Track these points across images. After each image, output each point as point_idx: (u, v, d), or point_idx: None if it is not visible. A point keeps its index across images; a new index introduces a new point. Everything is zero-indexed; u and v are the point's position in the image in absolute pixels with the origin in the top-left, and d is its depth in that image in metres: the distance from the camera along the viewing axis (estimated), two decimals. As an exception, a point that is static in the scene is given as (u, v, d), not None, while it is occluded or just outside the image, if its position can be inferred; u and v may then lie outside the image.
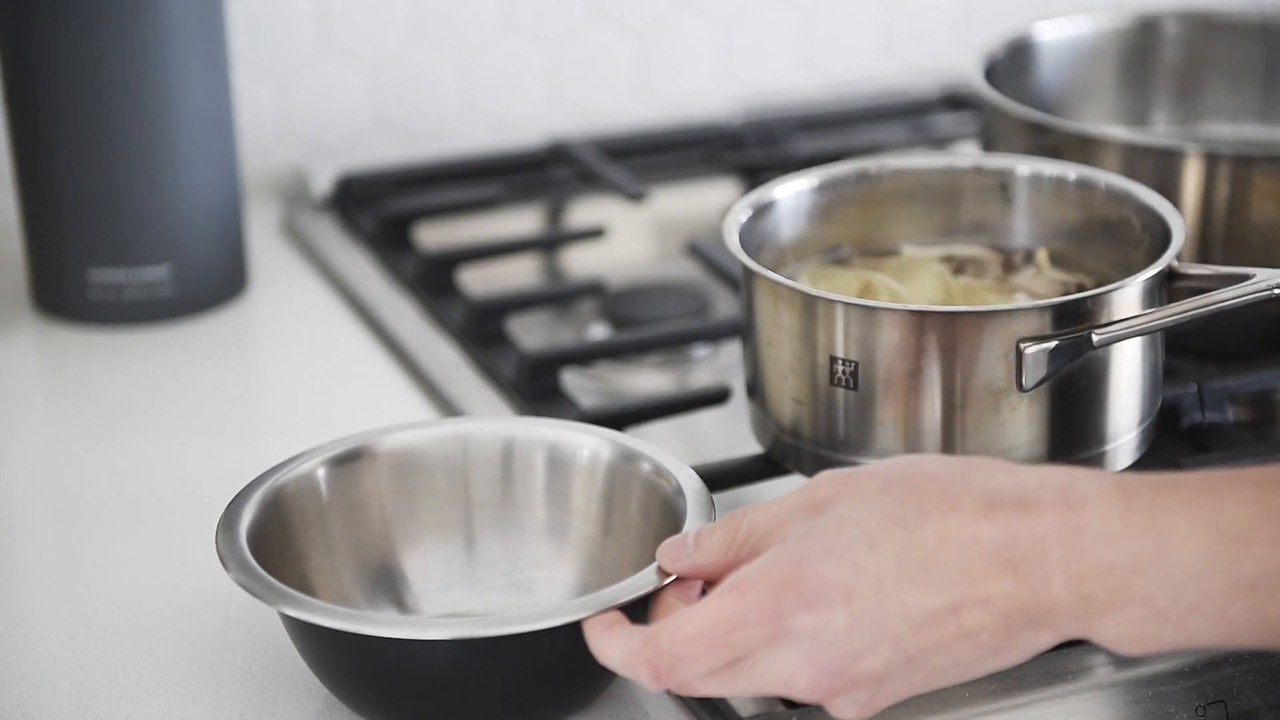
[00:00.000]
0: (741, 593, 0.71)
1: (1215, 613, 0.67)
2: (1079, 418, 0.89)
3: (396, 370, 1.16)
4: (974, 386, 0.86)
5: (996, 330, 0.86)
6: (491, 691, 0.79)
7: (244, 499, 0.85)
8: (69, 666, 0.88)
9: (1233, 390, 1.03)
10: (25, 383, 1.18)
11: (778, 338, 0.90)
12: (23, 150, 1.21)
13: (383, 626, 0.77)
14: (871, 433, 0.88)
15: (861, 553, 0.70)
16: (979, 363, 0.86)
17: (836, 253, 1.02)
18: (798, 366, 0.90)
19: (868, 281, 0.97)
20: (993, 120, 1.21)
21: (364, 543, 0.89)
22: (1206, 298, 0.88)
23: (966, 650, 0.70)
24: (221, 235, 1.24)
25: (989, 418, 0.87)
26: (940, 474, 0.72)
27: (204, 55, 1.20)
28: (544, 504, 0.91)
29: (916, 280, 0.98)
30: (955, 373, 0.86)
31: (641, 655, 0.73)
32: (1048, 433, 0.88)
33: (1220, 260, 1.10)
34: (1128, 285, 0.88)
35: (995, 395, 0.87)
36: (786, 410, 0.92)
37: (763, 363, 0.93)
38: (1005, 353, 0.86)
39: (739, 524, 0.76)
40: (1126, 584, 0.67)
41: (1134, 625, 0.68)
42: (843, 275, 0.99)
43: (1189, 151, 1.09)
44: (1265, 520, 0.66)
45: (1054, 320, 0.86)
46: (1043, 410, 0.88)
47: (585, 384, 1.15)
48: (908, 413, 0.87)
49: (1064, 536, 0.68)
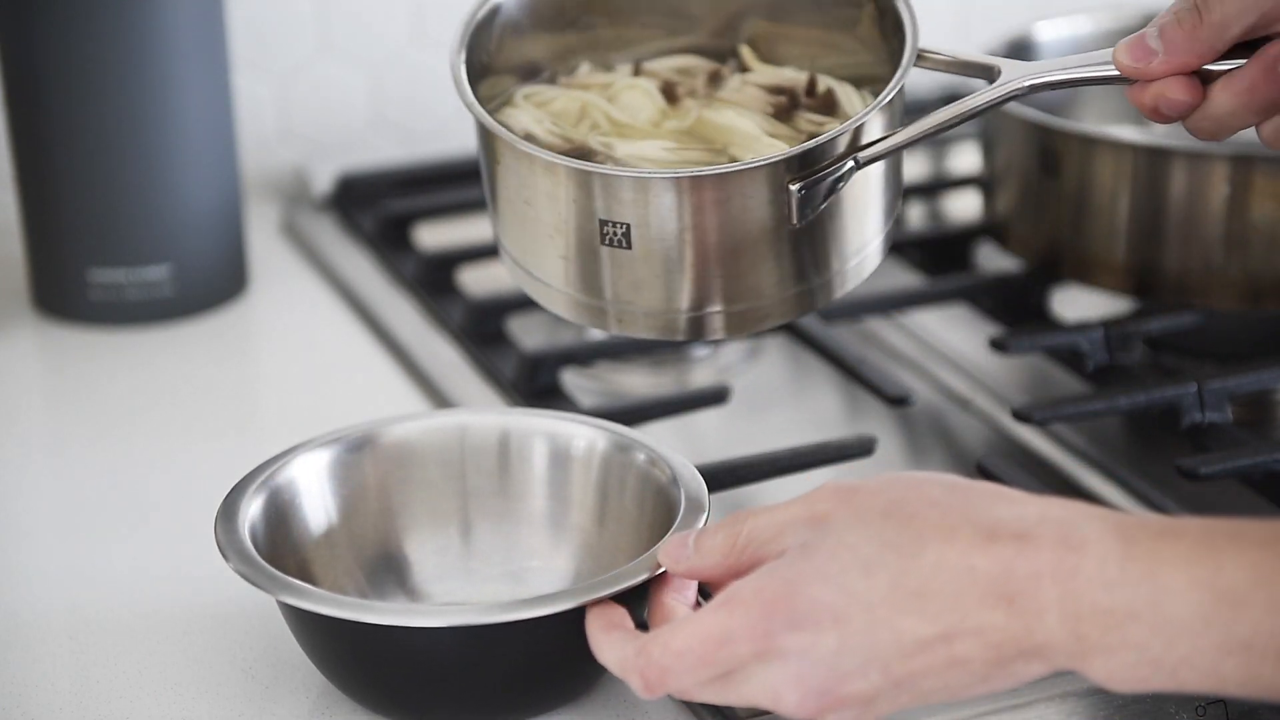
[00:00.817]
0: (732, 610, 0.71)
1: (1207, 667, 0.67)
2: (838, 232, 0.89)
3: (396, 370, 1.17)
4: (748, 231, 0.86)
5: (766, 178, 0.85)
6: (490, 679, 0.79)
7: (242, 490, 0.86)
8: (69, 666, 0.88)
9: (1233, 390, 1.03)
10: (25, 383, 1.18)
11: (536, 199, 0.89)
12: (23, 150, 1.21)
13: (382, 614, 0.78)
14: (648, 283, 0.88)
15: (854, 578, 0.70)
16: (751, 210, 0.86)
17: (538, 69, 1.00)
18: (564, 228, 0.88)
19: (583, 105, 0.96)
20: (993, 120, 1.21)
21: (361, 533, 0.89)
22: (960, 105, 0.87)
23: (956, 677, 0.70)
24: (221, 235, 1.24)
25: (765, 255, 0.87)
26: (941, 500, 0.72)
27: (204, 55, 1.20)
28: (540, 494, 0.91)
29: (628, 102, 0.96)
30: (730, 223, 0.86)
31: (633, 664, 0.73)
32: (813, 255, 0.88)
33: (1220, 261, 1.10)
34: (885, 100, 0.87)
35: (768, 235, 0.86)
36: (553, 267, 0.91)
37: (519, 220, 0.91)
38: (775, 195, 0.86)
39: (740, 529, 0.76)
40: (1122, 628, 0.67)
41: (1126, 668, 0.68)
42: (559, 98, 0.97)
43: (1188, 151, 1.09)
44: (1262, 584, 0.66)
45: (816, 154, 0.86)
46: (808, 235, 0.87)
47: (585, 384, 1.15)
48: (684, 264, 0.87)
49: (1060, 576, 0.68)
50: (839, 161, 0.86)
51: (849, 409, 1.16)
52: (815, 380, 1.19)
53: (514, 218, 0.91)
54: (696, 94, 0.97)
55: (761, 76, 0.97)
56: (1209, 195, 1.09)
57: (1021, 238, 1.20)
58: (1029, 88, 0.87)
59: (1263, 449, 0.98)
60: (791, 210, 0.85)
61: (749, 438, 0.98)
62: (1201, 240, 1.10)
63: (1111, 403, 1.03)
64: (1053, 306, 1.21)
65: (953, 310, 1.23)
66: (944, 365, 1.18)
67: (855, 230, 0.89)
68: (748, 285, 0.88)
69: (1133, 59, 0.83)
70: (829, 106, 0.94)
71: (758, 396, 1.16)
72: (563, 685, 0.82)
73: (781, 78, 0.97)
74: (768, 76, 0.97)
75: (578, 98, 0.97)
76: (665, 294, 0.88)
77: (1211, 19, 0.81)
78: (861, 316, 1.20)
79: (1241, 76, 0.82)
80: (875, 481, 0.74)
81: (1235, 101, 0.82)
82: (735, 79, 0.98)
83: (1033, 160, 1.16)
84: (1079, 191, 1.14)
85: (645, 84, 0.97)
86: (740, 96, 0.96)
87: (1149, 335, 1.12)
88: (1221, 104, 0.83)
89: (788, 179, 0.85)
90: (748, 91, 0.96)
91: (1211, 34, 0.82)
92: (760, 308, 0.89)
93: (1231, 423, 1.02)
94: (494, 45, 0.97)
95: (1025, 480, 0.95)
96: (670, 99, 0.96)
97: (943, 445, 1.13)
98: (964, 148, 1.46)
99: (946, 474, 0.74)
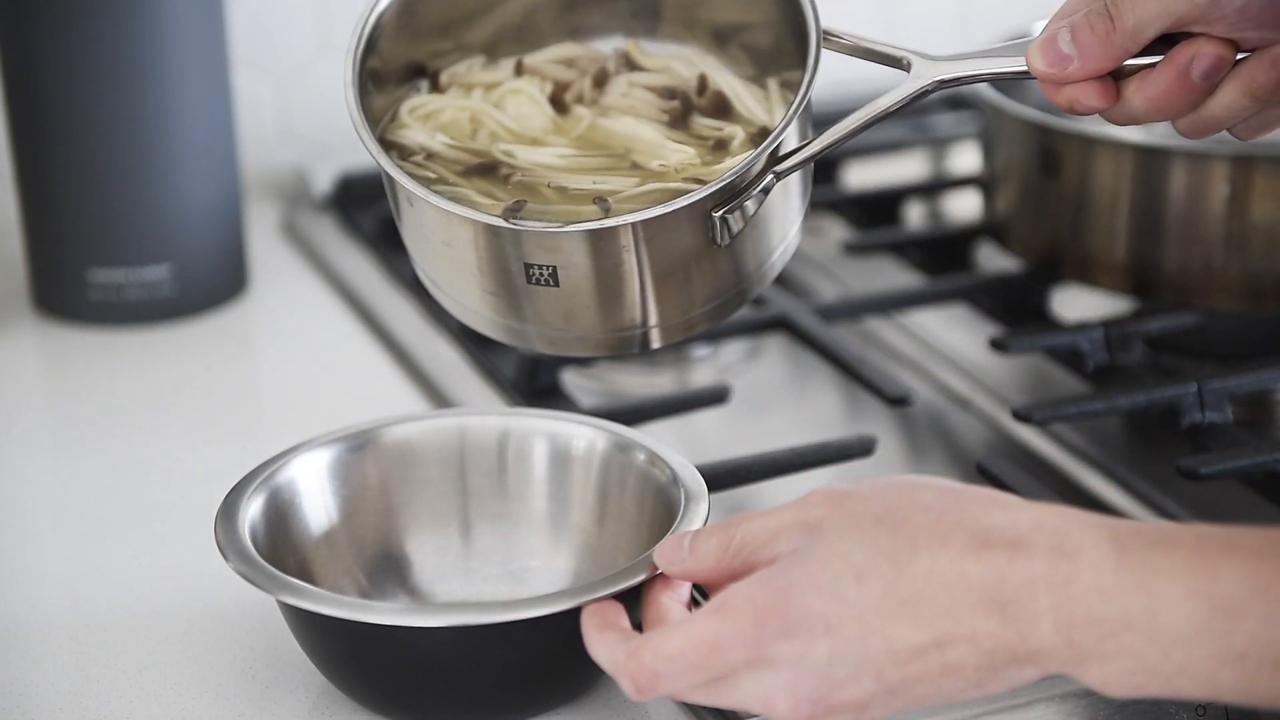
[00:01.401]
0: (724, 616, 0.71)
1: (1203, 676, 0.67)
2: (764, 234, 0.88)
3: (396, 370, 1.17)
4: (674, 259, 0.86)
5: (689, 213, 0.84)
6: (490, 679, 0.79)
7: (242, 490, 0.86)
8: (69, 666, 0.88)
9: (1233, 390, 1.03)
10: (25, 383, 1.18)
11: (456, 243, 0.87)
12: (23, 150, 1.21)
13: (382, 614, 0.78)
14: (579, 313, 0.87)
15: (847, 586, 0.70)
16: (675, 241, 0.85)
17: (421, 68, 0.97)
18: (488, 270, 0.87)
19: (474, 115, 0.94)
20: (993, 120, 1.21)
21: (361, 533, 0.89)
22: (871, 108, 0.85)
23: (950, 682, 0.70)
24: (221, 235, 1.24)
25: (695, 273, 0.87)
26: (934, 506, 0.71)
27: (204, 55, 1.20)
28: (540, 494, 0.91)
29: (517, 112, 0.94)
30: (655, 256, 0.85)
31: (625, 666, 0.73)
32: (742, 259, 0.88)
33: (1220, 261, 1.10)
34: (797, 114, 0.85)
35: (696, 256, 0.86)
36: (478, 299, 0.89)
37: (439, 257, 0.89)
38: (700, 223, 0.85)
39: (734, 532, 0.76)
40: (1116, 637, 0.67)
41: (1121, 675, 0.68)
42: (445, 109, 0.94)
43: (1188, 151, 1.09)
44: (1258, 595, 0.66)
45: (736, 181, 0.84)
46: (736, 244, 0.87)
47: (585, 384, 1.15)
48: (613, 294, 0.86)
49: (1054, 584, 0.68)
50: (759, 179, 0.85)
51: (849, 409, 1.16)
52: (815, 380, 1.19)
53: (433, 255, 0.90)
54: (584, 99, 0.95)
55: (649, 78, 0.95)
56: (1209, 195, 1.09)
57: (1021, 238, 1.20)
58: (938, 84, 0.85)
59: (1263, 449, 0.97)
60: (717, 233, 0.85)
61: (749, 438, 0.98)
62: (1201, 240, 1.10)
63: (1111, 403, 1.03)
64: (1053, 306, 1.21)
65: (953, 310, 1.23)
66: (944, 365, 1.18)
67: (779, 225, 0.89)
68: (680, 301, 0.87)
69: (1047, 64, 0.82)
70: (721, 109, 0.93)
71: (758, 396, 1.16)
72: (562, 685, 0.82)
73: (670, 78, 0.95)
74: (655, 78, 0.95)
75: (465, 107, 0.94)
76: (597, 320, 0.87)
77: (1124, 25, 0.80)
78: (861, 316, 1.20)
79: (1155, 82, 0.81)
80: (868, 486, 0.74)
81: (1149, 105, 0.82)
82: (622, 80, 0.95)
83: (1033, 160, 1.16)
84: (1079, 191, 1.14)
85: (531, 90, 0.95)
86: (631, 103, 0.94)
87: (1149, 335, 1.12)
88: (1136, 105, 0.82)
89: (711, 207, 0.84)
90: (637, 95, 0.94)
91: (1125, 39, 0.81)
92: (695, 316, 0.89)
93: (1231, 423, 1.02)
94: (384, 54, 0.94)
95: (1025, 480, 0.95)
96: (559, 108, 0.94)
97: (943, 445, 1.13)
98: (964, 148, 1.46)
99: (939, 478, 0.74)
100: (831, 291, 1.28)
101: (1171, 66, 0.80)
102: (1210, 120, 0.82)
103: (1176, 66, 0.80)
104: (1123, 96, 0.82)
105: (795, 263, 1.35)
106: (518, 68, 0.96)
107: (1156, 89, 0.81)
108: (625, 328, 0.88)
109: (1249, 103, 0.81)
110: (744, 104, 0.92)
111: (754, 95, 0.93)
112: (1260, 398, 1.11)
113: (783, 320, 1.15)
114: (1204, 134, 0.83)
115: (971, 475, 0.98)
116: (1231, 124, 0.83)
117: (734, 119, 0.92)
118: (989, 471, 0.96)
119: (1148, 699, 0.83)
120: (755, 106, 0.92)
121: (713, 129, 0.91)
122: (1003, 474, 0.96)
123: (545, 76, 0.96)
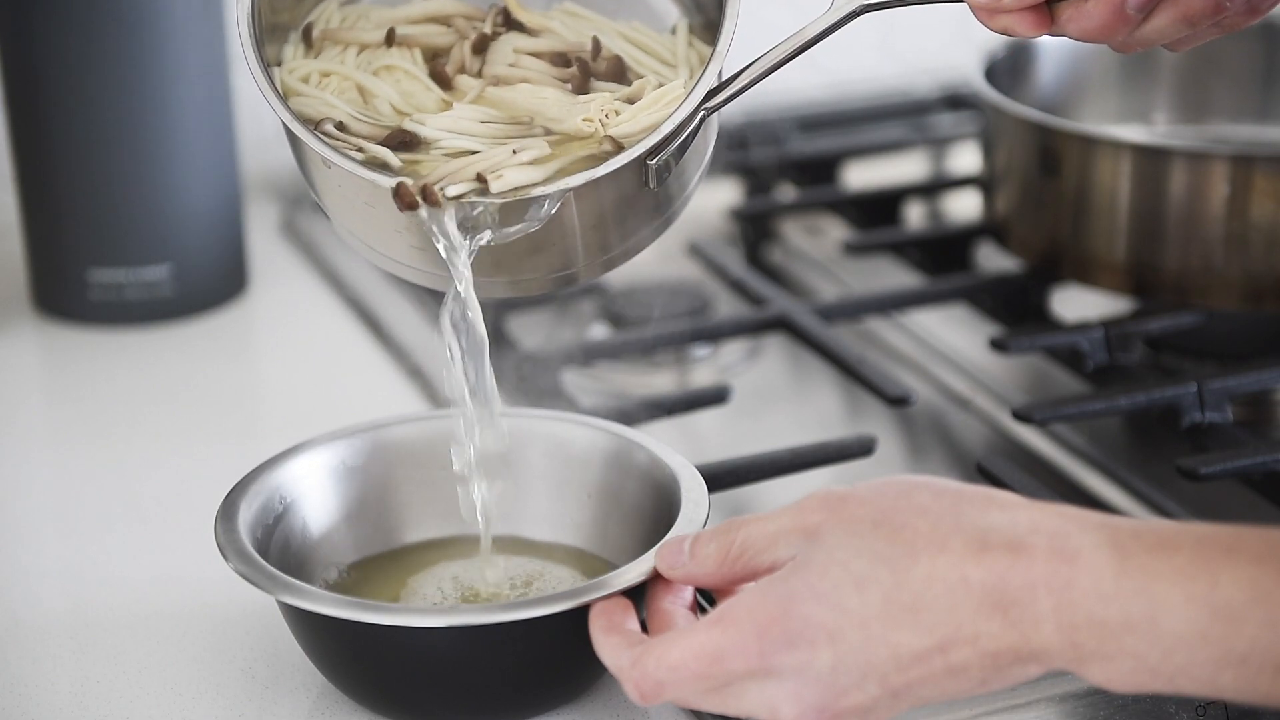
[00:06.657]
0: (726, 628, 0.71)
1: (1204, 678, 0.67)
2: (687, 164, 0.88)
3: (396, 370, 1.16)
4: (606, 207, 0.85)
5: (626, 166, 0.84)
6: (490, 679, 0.79)
7: (242, 490, 0.86)
8: (69, 666, 0.88)
9: (1233, 390, 1.03)
10: (25, 383, 1.18)
11: (379, 204, 0.85)
12: (23, 150, 1.21)
13: (382, 614, 0.78)
14: (510, 263, 0.87)
15: (847, 594, 0.70)
16: (605, 192, 0.85)
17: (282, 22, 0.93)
18: (414, 227, 0.85)
19: (360, 87, 0.89)
20: (993, 120, 1.21)
21: (361, 533, 0.89)
22: (799, 36, 0.86)
23: (954, 684, 0.70)
24: (221, 235, 1.24)
25: (627, 213, 0.86)
26: (931, 509, 0.71)
27: (204, 55, 1.20)
28: (539, 494, 0.91)
29: (401, 87, 0.89)
30: (586, 210, 0.85)
31: (630, 674, 0.73)
32: (669, 191, 0.87)
33: (1220, 261, 1.10)
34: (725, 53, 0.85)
35: (628, 200, 0.86)
36: (405, 253, 0.88)
37: (362, 217, 0.88)
38: (635, 172, 0.84)
39: (734, 537, 0.76)
40: (1118, 638, 0.67)
41: (1124, 674, 0.68)
42: (330, 79, 0.90)
43: (1188, 151, 1.09)
44: (1259, 600, 0.66)
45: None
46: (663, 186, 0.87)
47: (585, 384, 1.15)
48: (544, 245, 0.86)
49: (1055, 587, 0.68)
50: (690, 119, 0.84)
51: (849, 409, 1.16)
52: (815, 380, 1.19)
53: (353, 214, 0.88)
54: (465, 68, 0.90)
55: (536, 43, 0.91)
56: (1209, 195, 1.09)
57: (1021, 238, 1.20)
58: (862, 7, 0.86)
59: (1263, 449, 0.97)
60: (650, 177, 0.84)
61: (749, 438, 0.98)
62: (1201, 240, 1.10)
63: (1111, 403, 1.03)
64: (1053, 306, 1.21)
65: (953, 310, 1.23)
66: (944, 365, 1.18)
67: (699, 155, 0.89)
68: (613, 238, 0.87)
69: None
70: (619, 74, 0.90)
71: (758, 396, 1.16)
72: (563, 685, 0.82)
73: (558, 42, 0.91)
74: (543, 42, 0.91)
75: (348, 76, 0.90)
76: (530, 266, 0.87)
77: None
78: (861, 316, 1.20)
79: (1090, 15, 0.81)
80: (864, 488, 0.74)
81: (1084, 34, 0.82)
82: (505, 47, 0.91)
83: (1033, 160, 1.16)
84: (1079, 191, 1.14)
85: (406, 64, 0.90)
86: (523, 73, 0.90)
87: (1149, 335, 1.12)
88: (1070, 32, 0.82)
89: (645, 156, 0.83)
90: (528, 63, 0.90)
91: None
92: (629, 247, 0.89)
93: (1231, 423, 1.02)
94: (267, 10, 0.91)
95: (1025, 480, 0.95)
96: (441, 82, 0.90)
97: (943, 445, 1.13)
98: (964, 147, 1.46)
99: (935, 478, 0.74)
100: (831, 291, 1.28)
101: (1107, 2, 0.81)
102: (1143, 41, 0.83)
103: (1112, 2, 0.81)
104: (1057, 23, 0.83)
105: (795, 263, 1.35)
106: (389, 37, 0.91)
107: (1091, 22, 0.82)
108: (555, 270, 0.88)
109: (1184, 27, 0.82)
110: (642, 64, 0.90)
111: (657, 43, 0.91)
112: (1260, 398, 1.11)
113: (783, 320, 1.15)
114: (1136, 50, 0.84)
115: (972, 475, 0.98)
116: (1164, 44, 0.83)
117: (632, 79, 0.89)
118: (989, 471, 0.96)
119: (1148, 699, 0.83)
120: (656, 64, 0.89)
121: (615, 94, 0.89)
122: (1003, 474, 0.96)
123: (416, 44, 0.91)
